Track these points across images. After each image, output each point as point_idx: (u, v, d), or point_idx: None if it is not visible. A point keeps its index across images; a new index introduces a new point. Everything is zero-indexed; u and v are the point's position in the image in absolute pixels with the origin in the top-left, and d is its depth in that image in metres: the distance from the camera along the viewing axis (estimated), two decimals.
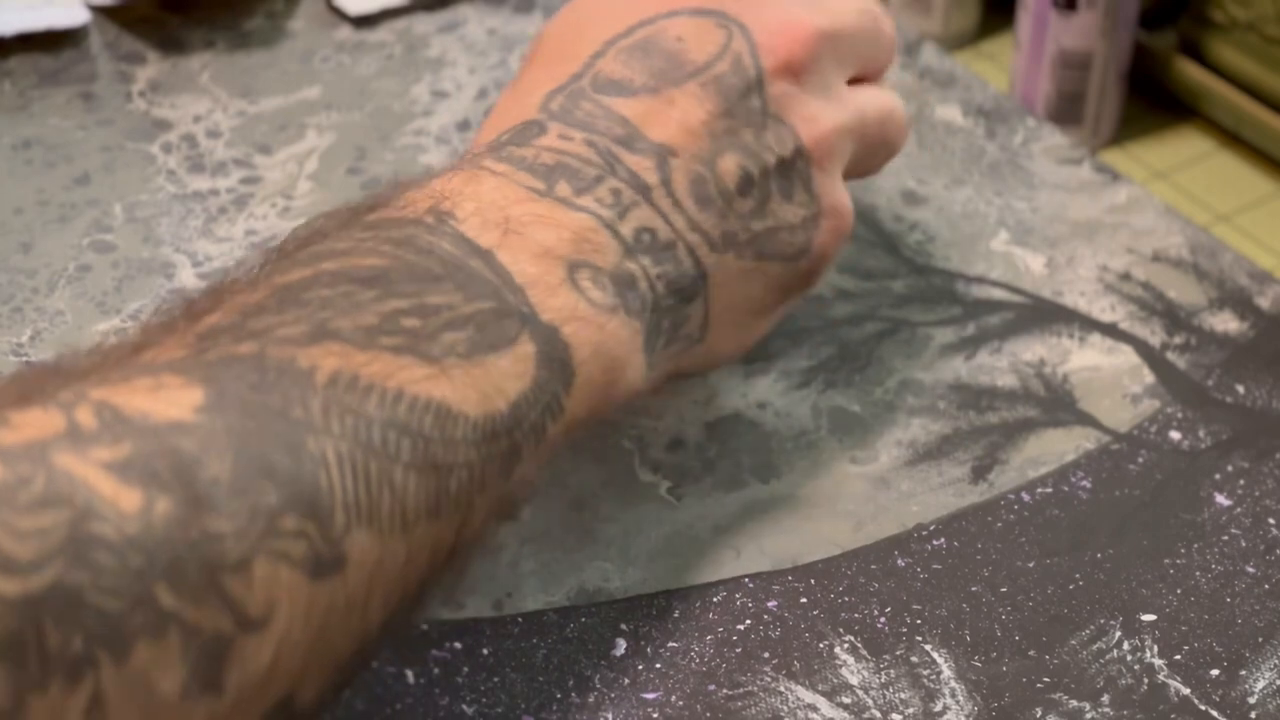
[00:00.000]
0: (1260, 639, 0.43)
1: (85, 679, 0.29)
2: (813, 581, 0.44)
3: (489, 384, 0.36)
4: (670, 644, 0.42)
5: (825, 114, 0.44)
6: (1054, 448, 0.48)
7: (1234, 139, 0.60)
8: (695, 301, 0.42)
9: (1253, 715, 0.41)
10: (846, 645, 0.42)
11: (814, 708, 0.41)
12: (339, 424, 0.33)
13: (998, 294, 0.53)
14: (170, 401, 0.32)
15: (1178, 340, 0.51)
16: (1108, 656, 0.42)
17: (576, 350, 0.38)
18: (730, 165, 0.42)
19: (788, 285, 0.45)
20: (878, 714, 0.41)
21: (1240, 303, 0.52)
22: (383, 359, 0.34)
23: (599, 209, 0.40)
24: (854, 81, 0.46)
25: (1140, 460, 0.47)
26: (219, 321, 0.35)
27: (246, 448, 0.32)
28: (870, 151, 0.46)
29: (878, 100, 0.46)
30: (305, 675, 0.33)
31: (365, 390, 0.34)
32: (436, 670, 0.42)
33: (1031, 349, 0.51)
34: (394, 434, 0.34)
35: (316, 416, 0.33)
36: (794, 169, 0.43)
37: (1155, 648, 0.42)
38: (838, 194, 0.44)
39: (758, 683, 0.42)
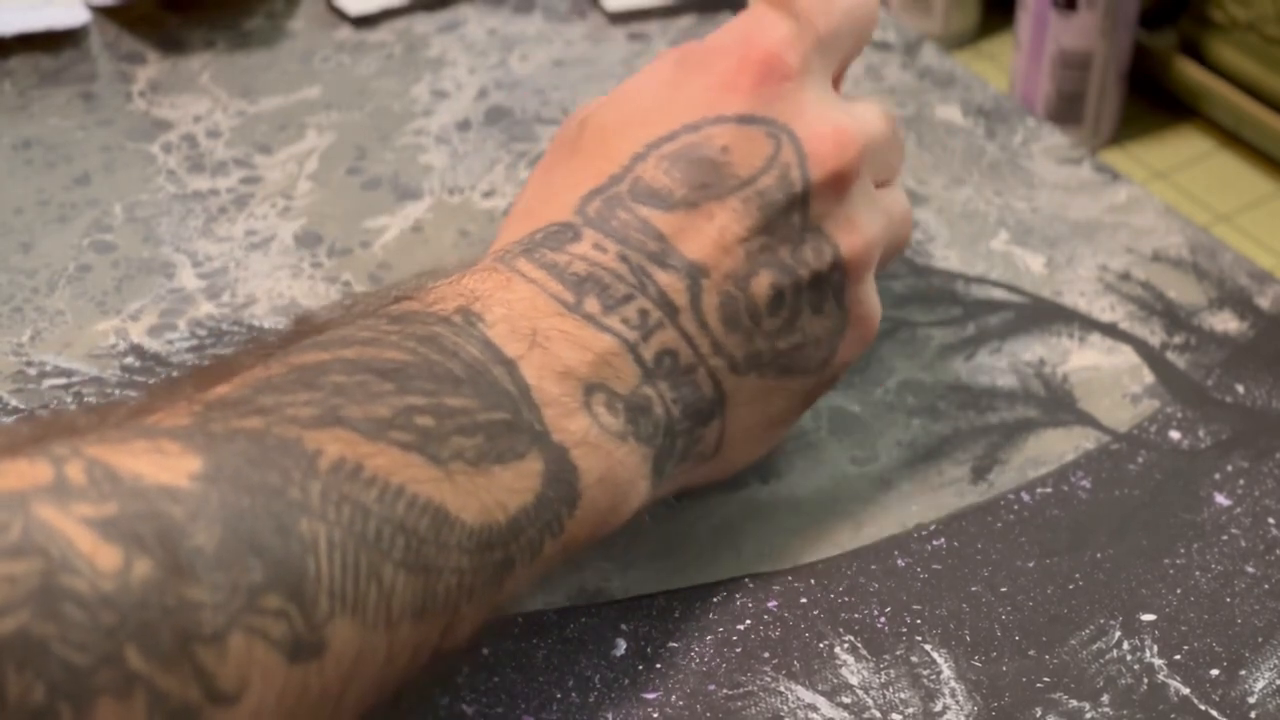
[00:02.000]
0: (1260, 639, 0.43)
1: None
2: (813, 581, 0.44)
3: (491, 495, 0.36)
4: (670, 644, 0.43)
5: (865, 224, 0.43)
6: (1054, 448, 0.48)
7: (1234, 139, 0.60)
8: (712, 423, 0.41)
9: (1252, 715, 0.41)
10: (846, 645, 0.42)
11: (814, 707, 0.41)
12: (335, 511, 0.33)
13: (998, 294, 0.53)
14: (166, 467, 0.31)
15: (1177, 340, 0.51)
16: (1107, 656, 0.42)
17: (583, 475, 0.38)
18: (763, 285, 0.41)
19: (808, 396, 0.44)
20: (878, 714, 0.41)
21: (1240, 302, 0.52)
22: (390, 453, 0.34)
23: (624, 330, 0.39)
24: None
25: (1140, 460, 0.47)
26: (228, 393, 0.35)
27: (237, 522, 0.31)
28: (891, 254, 0.46)
29: (901, 203, 0.45)
30: None
31: (368, 482, 0.33)
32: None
33: (1031, 349, 0.51)
34: (389, 530, 0.33)
35: (314, 500, 0.33)
36: (828, 282, 0.42)
37: (1155, 647, 0.42)
38: (868, 302, 0.43)
39: (758, 683, 0.42)
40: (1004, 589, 0.44)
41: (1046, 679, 0.42)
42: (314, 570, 0.32)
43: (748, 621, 0.43)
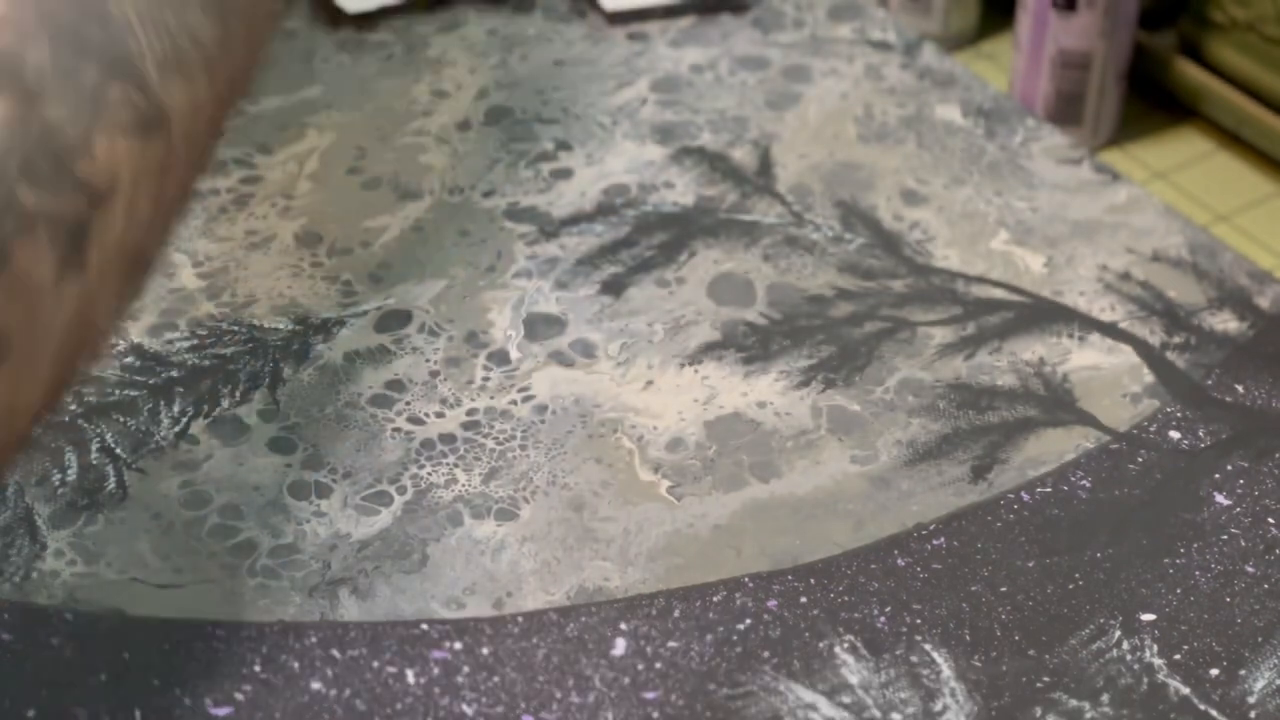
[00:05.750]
0: (1260, 638, 0.43)
1: None
2: (813, 581, 0.44)
3: None
4: (670, 643, 0.42)
5: None
6: (1054, 447, 0.48)
7: (1233, 139, 0.60)
8: None
9: (1252, 715, 0.41)
10: (846, 645, 0.42)
11: (814, 707, 0.41)
12: None
13: (998, 293, 0.53)
14: None
15: (1177, 340, 0.51)
16: (1107, 656, 0.42)
17: None
18: None
19: None
20: (878, 713, 0.41)
21: (1240, 302, 0.52)
22: None
23: None
24: None
25: (1140, 460, 0.47)
26: None
27: (59, 29, 0.32)
28: None
29: None
30: (151, 231, 0.33)
31: None
32: (436, 670, 0.42)
33: (1031, 348, 0.51)
34: None
35: None
36: None
37: (1155, 647, 0.42)
38: None
39: (758, 682, 0.42)
40: (1004, 588, 0.44)
41: (1046, 679, 0.42)
42: (137, 47, 0.33)
43: (748, 621, 0.43)
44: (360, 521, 0.45)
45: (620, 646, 0.42)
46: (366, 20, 0.63)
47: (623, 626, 0.43)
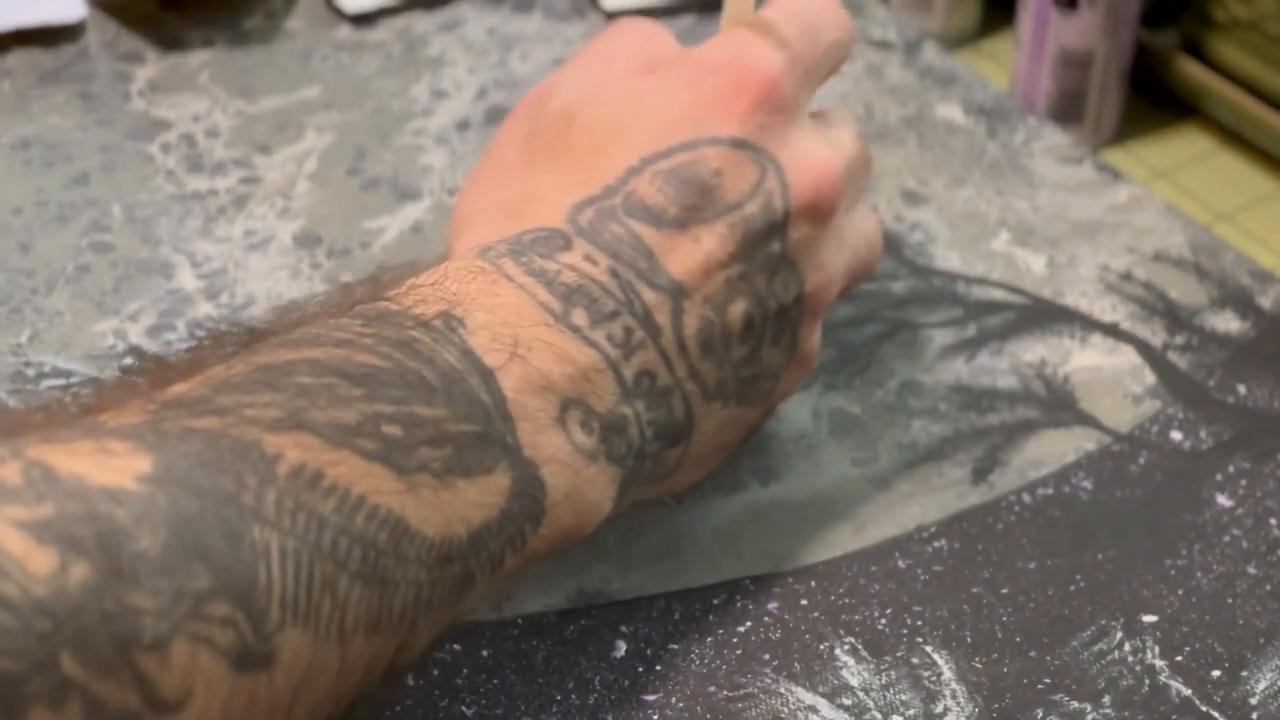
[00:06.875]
0: (1261, 640, 0.43)
1: None
2: (813, 583, 0.44)
3: (454, 509, 0.35)
4: (670, 646, 0.42)
5: (832, 261, 0.43)
6: (1055, 449, 0.48)
7: (1235, 138, 0.60)
8: (677, 447, 0.41)
9: (1254, 716, 0.41)
10: (847, 647, 0.42)
11: (814, 709, 0.41)
12: (290, 520, 0.32)
13: (999, 294, 0.53)
14: (111, 467, 0.31)
15: (1179, 340, 0.51)
16: (1109, 658, 0.42)
17: (551, 492, 0.37)
18: (737, 312, 0.41)
19: (752, 427, 0.44)
20: (878, 715, 0.41)
21: (1242, 302, 0.52)
22: (352, 462, 0.33)
23: (608, 347, 0.39)
24: None
25: (1141, 461, 0.47)
26: (186, 392, 0.34)
27: (184, 526, 0.30)
28: (853, 283, 0.46)
29: (867, 231, 0.46)
30: None
31: (326, 491, 0.33)
32: (436, 672, 0.42)
33: (1032, 350, 0.51)
34: (345, 540, 0.33)
35: (269, 507, 0.32)
36: (789, 316, 0.42)
37: (1156, 649, 0.42)
38: (813, 340, 0.44)
39: (758, 684, 0.41)
40: (1005, 590, 0.44)
41: (1048, 680, 0.42)
42: (265, 579, 0.31)
43: (748, 623, 0.43)
44: None
45: (620, 649, 0.42)
46: (365, 19, 0.63)
47: (623, 629, 0.43)
